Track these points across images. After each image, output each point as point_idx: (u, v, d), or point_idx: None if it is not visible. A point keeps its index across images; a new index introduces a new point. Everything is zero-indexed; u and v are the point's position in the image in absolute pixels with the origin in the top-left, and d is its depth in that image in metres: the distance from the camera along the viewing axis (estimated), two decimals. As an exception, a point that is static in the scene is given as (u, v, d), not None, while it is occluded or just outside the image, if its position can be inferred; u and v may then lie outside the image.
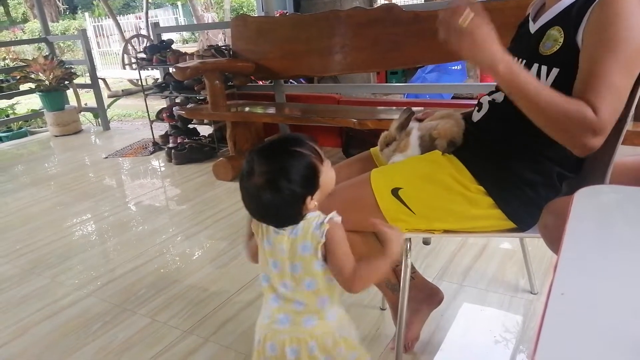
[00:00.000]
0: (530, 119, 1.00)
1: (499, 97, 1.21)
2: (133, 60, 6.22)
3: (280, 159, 0.91)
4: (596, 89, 0.95)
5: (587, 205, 0.77)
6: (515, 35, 1.25)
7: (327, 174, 0.96)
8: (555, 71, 1.05)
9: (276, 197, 0.89)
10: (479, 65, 0.99)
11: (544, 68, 1.07)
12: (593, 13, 0.98)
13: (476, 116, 1.26)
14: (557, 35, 1.05)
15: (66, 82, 4.78)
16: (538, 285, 1.68)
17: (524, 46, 1.15)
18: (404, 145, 1.26)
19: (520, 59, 1.14)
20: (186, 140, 3.64)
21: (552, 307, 0.53)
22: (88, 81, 5.00)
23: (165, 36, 4.23)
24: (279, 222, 0.94)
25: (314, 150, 0.94)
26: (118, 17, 12.58)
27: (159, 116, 3.88)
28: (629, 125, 1.93)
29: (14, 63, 6.16)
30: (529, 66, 1.11)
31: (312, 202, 0.93)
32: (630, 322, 0.52)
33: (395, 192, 1.16)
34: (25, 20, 16.31)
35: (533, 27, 1.14)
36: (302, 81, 4.42)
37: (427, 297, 1.47)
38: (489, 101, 1.24)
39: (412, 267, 1.45)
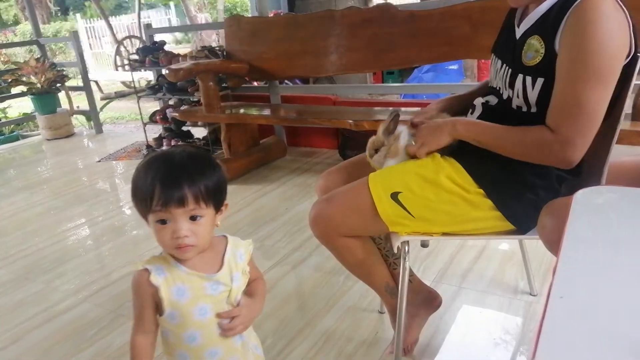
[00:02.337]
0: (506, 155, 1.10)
1: (492, 99, 1.21)
2: (125, 62, 6.19)
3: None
4: (559, 107, 1.00)
5: (586, 206, 0.76)
6: (500, 35, 1.24)
7: (154, 226, 0.87)
8: (540, 81, 1.05)
9: None
10: (445, 140, 1.16)
11: (528, 79, 1.07)
12: (569, 20, 0.98)
13: (470, 118, 1.25)
14: (537, 46, 1.05)
15: (58, 85, 4.75)
16: (537, 287, 1.67)
17: (509, 56, 1.15)
18: (394, 150, 1.23)
19: (507, 67, 1.14)
20: (180, 143, 3.62)
21: (551, 309, 0.53)
22: (80, 84, 4.96)
23: (158, 37, 4.21)
24: None
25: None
26: (110, 19, 12.51)
27: (152, 118, 3.85)
28: (627, 125, 1.95)
29: (5, 66, 6.10)
30: (514, 77, 1.11)
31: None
32: (630, 324, 0.51)
33: (394, 196, 1.15)
34: (16, 22, 16.20)
35: (518, 33, 1.14)
36: (298, 82, 4.40)
37: (425, 300, 1.46)
38: (482, 103, 1.23)
39: (410, 271, 1.44)
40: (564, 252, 0.64)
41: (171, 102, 3.89)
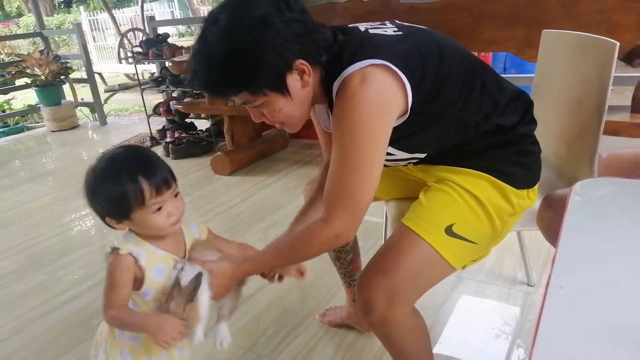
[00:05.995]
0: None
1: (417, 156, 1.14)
2: (129, 54, 6.19)
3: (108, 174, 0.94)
4: (329, 194, 0.98)
5: (585, 197, 0.77)
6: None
7: (148, 217, 0.91)
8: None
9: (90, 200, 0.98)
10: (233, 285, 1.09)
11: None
12: (334, 110, 0.97)
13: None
14: None
15: (62, 77, 4.76)
16: (535, 278, 1.69)
17: None
18: (196, 317, 1.01)
19: None
20: (183, 135, 3.63)
21: (550, 300, 0.53)
22: (84, 76, 4.97)
23: (161, 30, 4.21)
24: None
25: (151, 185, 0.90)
26: (113, 11, 12.48)
27: (155, 110, 3.86)
28: (627, 117, 1.94)
29: (9, 58, 6.12)
30: None
31: (117, 224, 0.95)
32: (629, 315, 0.52)
33: (449, 231, 1.02)
34: (19, 14, 16.19)
35: None
36: (300, 74, 4.39)
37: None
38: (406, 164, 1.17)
39: None
40: (563, 243, 0.64)
41: (174, 94, 3.89)
